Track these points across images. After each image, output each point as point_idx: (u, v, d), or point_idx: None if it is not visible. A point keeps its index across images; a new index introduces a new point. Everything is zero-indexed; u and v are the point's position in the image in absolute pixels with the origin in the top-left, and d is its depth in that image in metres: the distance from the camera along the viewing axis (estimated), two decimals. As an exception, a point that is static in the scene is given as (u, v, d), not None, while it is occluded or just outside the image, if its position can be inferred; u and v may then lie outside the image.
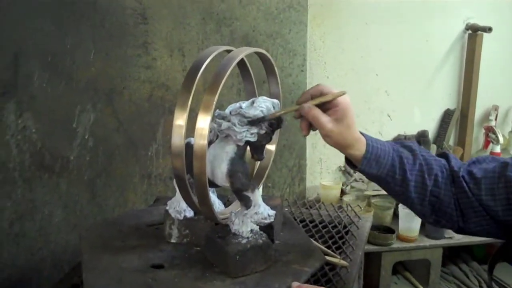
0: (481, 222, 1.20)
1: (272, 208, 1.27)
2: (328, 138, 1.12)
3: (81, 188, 2.10)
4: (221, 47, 1.13)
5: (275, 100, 1.13)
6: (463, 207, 1.20)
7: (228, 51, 1.13)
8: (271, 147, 1.31)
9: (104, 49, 2.05)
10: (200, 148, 1.00)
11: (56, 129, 2.03)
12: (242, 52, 1.09)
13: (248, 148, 1.15)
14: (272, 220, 1.17)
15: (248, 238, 1.13)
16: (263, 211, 1.15)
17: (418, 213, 1.25)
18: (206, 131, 0.99)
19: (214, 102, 1.00)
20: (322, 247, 1.53)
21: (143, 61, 2.11)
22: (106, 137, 2.10)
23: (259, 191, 1.17)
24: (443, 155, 1.27)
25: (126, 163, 2.16)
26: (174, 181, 1.23)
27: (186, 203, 1.16)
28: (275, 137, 1.29)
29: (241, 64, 1.25)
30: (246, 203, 1.15)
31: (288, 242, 1.28)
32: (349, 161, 1.22)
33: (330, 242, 1.63)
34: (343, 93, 1.09)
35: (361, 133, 1.16)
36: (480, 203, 1.18)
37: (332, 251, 1.56)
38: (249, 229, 1.14)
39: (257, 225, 1.15)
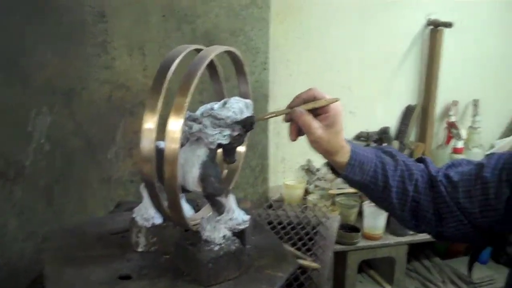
0: (458, 227, 1.21)
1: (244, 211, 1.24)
2: (316, 144, 1.11)
3: (37, 194, 2.02)
4: (191, 46, 1.10)
5: (248, 101, 1.10)
6: (441, 212, 1.22)
7: (198, 50, 1.09)
8: (241, 148, 1.28)
9: (62, 48, 1.97)
10: (171, 152, 0.97)
11: (10, 133, 1.95)
12: (213, 51, 1.06)
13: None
14: (247, 225, 1.14)
15: (220, 244, 1.09)
16: (238, 217, 1.12)
17: (398, 218, 1.26)
18: (178, 134, 0.96)
19: (186, 104, 0.96)
20: (293, 250, 1.51)
21: (102, 61, 2.03)
22: (63, 140, 2.02)
23: (233, 196, 1.13)
24: (420, 159, 1.28)
25: (84, 167, 2.09)
26: (141, 187, 1.18)
27: (156, 209, 1.12)
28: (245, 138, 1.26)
29: (209, 63, 1.21)
30: (219, 208, 1.12)
31: (259, 246, 1.25)
32: (331, 167, 1.21)
33: (299, 244, 1.62)
34: (336, 100, 1.09)
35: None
36: (458, 206, 1.20)
37: (302, 253, 1.54)
38: (221, 235, 1.10)
39: (231, 231, 1.12)
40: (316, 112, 1.09)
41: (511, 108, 3.13)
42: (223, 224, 1.10)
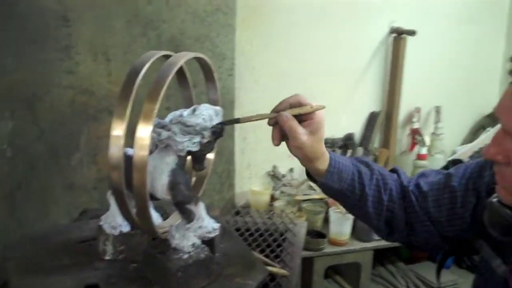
0: (427, 236, 1.25)
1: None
2: (299, 150, 1.11)
3: (-2, 202, 1.97)
4: (159, 52, 1.09)
5: (218, 108, 1.10)
6: (412, 221, 1.25)
7: (167, 57, 1.08)
8: (209, 155, 1.27)
9: (25, 53, 1.92)
10: (140, 160, 0.95)
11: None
12: (182, 58, 1.06)
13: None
14: (217, 233, 1.13)
15: (189, 252, 1.08)
16: (207, 225, 1.11)
17: (374, 227, 1.29)
18: (147, 141, 0.95)
19: (155, 111, 0.95)
20: (262, 256, 1.50)
21: (66, 66, 1.99)
22: (26, 146, 1.97)
23: (202, 204, 1.12)
24: (393, 170, 1.31)
25: (47, 173, 2.04)
26: (108, 194, 1.16)
27: (124, 217, 1.10)
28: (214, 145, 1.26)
29: (178, 69, 1.20)
30: (188, 216, 1.11)
31: (229, 254, 1.24)
32: (309, 174, 1.22)
33: (268, 250, 1.61)
34: (323, 107, 1.09)
35: None
36: (428, 216, 1.23)
37: (271, 259, 1.54)
38: (190, 243, 1.09)
39: (200, 239, 1.11)
40: (300, 118, 1.09)
41: (471, 115, 3.19)
42: (193, 232, 1.09)
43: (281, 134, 1.10)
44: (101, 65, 2.06)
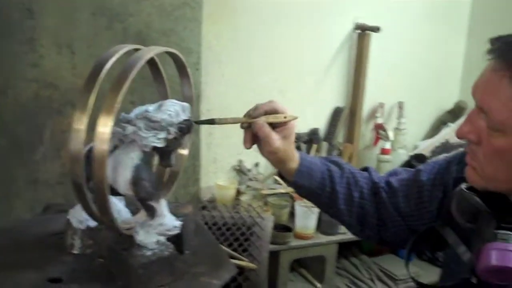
0: (398, 232, 1.28)
1: (183, 216, 1.23)
2: (272, 154, 1.16)
3: (-42, 196, 1.93)
4: (128, 46, 1.08)
5: (185, 104, 1.10)
6: (383, 217, 1.29)
7: (138, 50, 1.07)
8: (183, 151, 1.27)
9: (-13, 46, 1.88)
10: (100, 154, 0.94)
11: None
12: (151, 51, 1.04)
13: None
14: (177, 231, 1.12)
15: (153, 249, 1.08)
16: (168, 222, 1.10)
17: (345, 224, 1.33)
18: (107, 135, 0.94)
19: (117, 104, 0.94)
20: (230, 251, 1.51)
21: (29, 59, 1.96)
22: (-12, 140, 1.94)
23: (164, 201, 1.12)
24: (364, 168, 1.35)
25: (10, 168, 2.00)
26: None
27: (86, 212, 1.09)
28: (187, 140, 1.26)
29: (152, 64, 1.19)
30: (151, 213, 1.10)
31: (199, 252, 1.24)
32: (280, 175, 1.26)
33: (235, 244, 1.62)
34: (295, 118, 1.15)
35: None
36: (398, 211, 1.27)
37: (239, 253, 1.54)
38: (154, 240, 1.09)
39: (162, 236, 1.10)
40: (273, 124, 1.14)
41: (433, 110, 3.26)
42: (153, 229, 1.09)
43: (253, 138, 1.14)
44: (66, 58, 2.03)
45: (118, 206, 1.23)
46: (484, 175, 1.02)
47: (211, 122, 1.12)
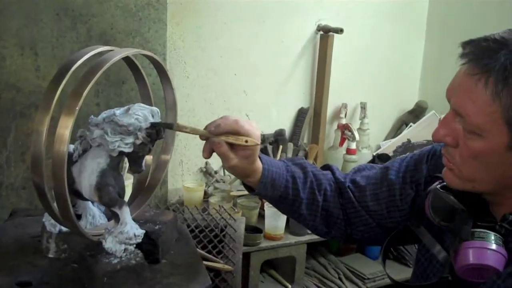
0: (367, 229, 1.30)
1: (162, 223, 1.21)
2: (230, 170, 1.16)
3: None
4: (100, 47, 1.05)
5: (154, 108, 1.08)
6: (350, 217, 1.30)
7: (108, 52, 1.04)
8: (165, 157, 1.26)
9: None
10: (58, 156, 0.92)
11: None
12: (119, 54, 1.01)
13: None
14: (138, 240, 1.08)
15: (120, 258, 1.04)
16: (129, 230, 1.06)
17: (310, 227, 1.34)
18: (66, 137, 0.91)
19: (78, 106, 0.92)
20: (205, 253, 1.49)
21: (-10, 60, 1.90)
22: None
23: (127, 208, 1.08)
24: (326, 167, 1.36)
25: (-28, 173, 1.94)
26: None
27: (51, 217, 1.07)
28: (170, 146, 1.25)
29: (133, 67, 1.17)
30: (116, 220, 1.08)
31: (176, 261, 1.22)
32: (245, 184, 1.24)
33: (209, 246, 1.60)
34: (256, 144, 1.10)
35: (259, 156, 1.18)
36: (367, 210, 1.28)
37: (214, 256, 1.53)
38: (122, 248, 1.05)
39: (123, 245, 1.06)
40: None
41: (394, 111, 3.30)
42: (113, 237, 1.06)
43: (211, 150, 1.11)
44: (29, 59, 1.97)
45: (93, 211, 1.20)
46: (462, 176, 1.03)
47: (169, 126, 1.09)
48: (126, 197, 1.26)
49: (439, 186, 1.11)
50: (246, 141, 1.08)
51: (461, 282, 1.03)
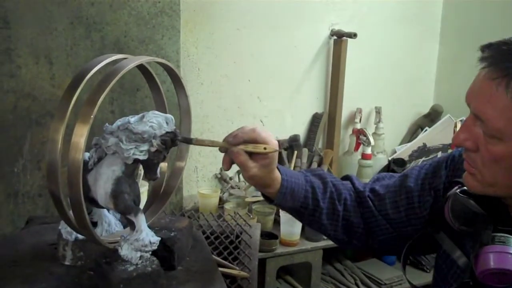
0: (387, 239, 1.29)
1: (177, 230, 1.21)
2: (250, 180, 1.15)
3: None
4: (114, 56, 1.05)
5: (169, 115, 1.08)
6: (371, 226, 1.29)
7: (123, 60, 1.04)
8: (180, 164, 1.26)
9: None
10: (74, 164, 0.92)
11: None
12: (133, 62, 1.02)
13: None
14: (154, 247, 1.08)
15: (136, 265, 1.04)
16: (145, 238, 1.06)
17: (332, 237, 1.34)
18: (81, 145, 0.92)
19: (93, 114, 0.93)
20: (221, 260, 1.49)
21: (6, 69, 1.91)
22: (-35, 153, 1.88)
23: (143, 215, 1.08)
24: (345, 177, 1.35)
25: (-11, 181, 1.95)
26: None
27: (67, 224, 1.07)
28: (185, 153, 1.25)
29: (147, 74, 1.18)
30: (132, 227, 1.08)
31: (191, 268, 1.22)
32: (264, 195, 1.24)
33: (225, 253, 1.60)
34: (275, 151, 1.11)
35: (277, 167, 1.18)
36: (387, 219, 1.27)
37: (229, 262, 1.52)
38: (138, 255, 1.05)
39: (138, 252, 1.06)
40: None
41: (409, 115, 3.28)
42: (129, 244, 1.06)
43: (231, 161, 1.12)
44: (44, 68, 1.99)
45: (108, 218, 1.21)
46: (483, 180, 1.02)
47: (188, 141, 1.12)
48: (142, 204, 1.27)
49: (458, 190, 1.10)
50: (265, 148, 1.09)
51: (482, 287, 1.02)
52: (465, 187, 1.09)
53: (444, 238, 1.16)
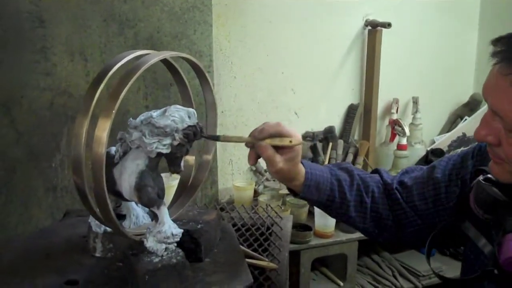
0: (416, 232, 1.29)
1: (205, 222, 1.22)
2: (276, 174, 1.16)
3: (-22, 207, 1.93)
4: (138, 51, 1.07)
5: (191, 109, 1.09)
6: (400, 218, 1.29)
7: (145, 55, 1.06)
8: (207, 157, 1.28)
9: (-1, 56, 1.89)
10: (97, 157, 0.94)
11: None
12: (154, 57, 1.03)
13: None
14: (177, 239, 1.09)
15: (161, 256, 1.06)
16: (167, 230, 1.07)
17: (361, 230, 1.34)
18: (104, 139, 0.94)
19: (115, 108, 0.94)
20: (250, 251, 1.50)
21: (42, 68, 1.96)
22: (4, 150, 1.93)
23: (165, 208, 1.10)
24: (375, 171, 1.35)
25: (28, 176, 2.00)
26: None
27: (93, 217, 1.09)
28: (211, 146, 1.27)
29: (172, 69, 1.19)
30: (156, 219, 1.10)
31: (219, 260, 1.23)
32: (291, 189, 1.26)
33: (255, 245, 1.61)
34: (301, 143, 1.14)
35: (301, 161, 1.20)
36: (415, 210, 1.27)
37: (259, 254, 1.53)
38: (163, 247, 1.07)
39: (163, 244, 1.08)
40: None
41: (448, 104, 3.23)
42: (152, 236, 1.08)
43: (257, 157, 1.15)
44: (79, 65, 2.03)
45: (136, 211, 1.23)
46: (511, 169, 1.01)
47: (215, 138, 1.14)
48: (171, 197, 1.29)
49: (481, 178, 1.09)
50: (291, 141, 1.11)
51: (507, 274, 1.00)
52: (488, 175, 1.08)
53: (469, 227, 1.15)
